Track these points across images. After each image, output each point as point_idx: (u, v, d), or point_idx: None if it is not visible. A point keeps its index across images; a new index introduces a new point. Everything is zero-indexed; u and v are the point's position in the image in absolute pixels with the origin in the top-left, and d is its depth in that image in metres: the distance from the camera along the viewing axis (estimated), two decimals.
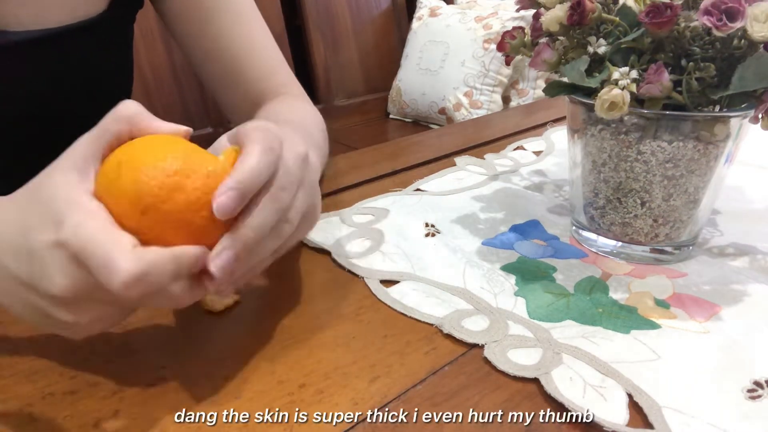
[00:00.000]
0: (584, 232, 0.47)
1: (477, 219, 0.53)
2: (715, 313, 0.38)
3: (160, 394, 0.32)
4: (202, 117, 1.49)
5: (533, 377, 0.33)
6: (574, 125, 0.45)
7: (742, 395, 0.31)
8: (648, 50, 0.38)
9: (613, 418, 0.30)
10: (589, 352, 0.34)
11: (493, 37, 1.64)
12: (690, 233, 0.44)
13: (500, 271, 0.44)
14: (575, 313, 0.38)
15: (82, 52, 0.51)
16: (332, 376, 0.34)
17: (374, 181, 0.62)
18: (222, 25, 0.57)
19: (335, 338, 0.37)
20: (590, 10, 0.38)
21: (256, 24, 0.60)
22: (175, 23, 0.58)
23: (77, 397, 0.32)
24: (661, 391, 0.31)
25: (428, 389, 0.33)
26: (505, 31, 0.45)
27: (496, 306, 0.39)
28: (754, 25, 0.34)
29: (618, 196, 0.43)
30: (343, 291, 0.42)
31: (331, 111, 1.81)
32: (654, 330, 0.37)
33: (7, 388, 0.33)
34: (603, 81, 0.38)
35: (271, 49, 0.61)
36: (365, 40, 1.90)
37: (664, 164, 0.40)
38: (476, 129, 0.83)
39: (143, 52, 1.36)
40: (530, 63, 0.43)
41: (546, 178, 0.62)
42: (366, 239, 0.49)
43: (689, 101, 0.38)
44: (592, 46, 0.39)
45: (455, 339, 0.36)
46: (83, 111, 0.56)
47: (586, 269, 0.44)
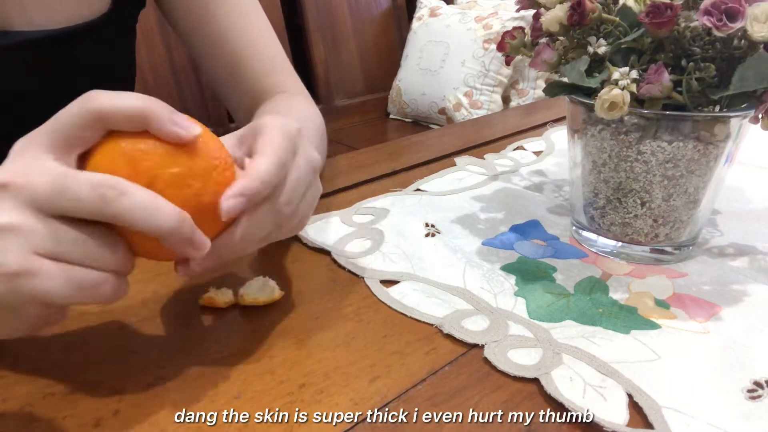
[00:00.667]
0: (584, 232, 0.47)
1: (477, 219, 0.53)
2: (715, 313, 0.38)
3: (160, 394, 0.32)
4: (202, 117, 1.49)
5: (533, 377, 0.33)
6: (574, 125, 0.45)
7: (742, 395, 0.31)
8: (648, 50, 0.38)
9: (613, 418, 0.30)
10: (589, 352, 0.34)
11: (493, 37, 1.64)
12: (690, 233, 0.44)
13: (500, 271, 0.44)
14: (575, 314, 0.38)
15: (87, 52, 0.51)
16: (332, 376, 0.34)
17: (374, 181, 0.62)
18: (225, 21, 0.57)
19: (335, 338, 0.37)
20: (590, 11, 0.38)
21: (259, 20, 0.60)
22: (177, 19, 0.58)
23: (77, 397, 0.32)
24: (661, 391, 0.31)
25: (428, 389, 0.33)
26: (505, 31, 0.45)
27: (496, 306, 0.39)
28: (754, 26, 0.34)
29: (618, 196, 0.43)
30: (343, 291, 0.42)
31: (331, 111, 1.81)
32: (654, 330, 0.37)
33: (7, 388, 0.33)
34: (603, 81, 0.38)
35: (273, 45, 0.61)
36: (365, 40, 1.90)
37: (664, 164, 0.40)
38: (476, 129, 0.83)
39: (143, 52, 1.36)
40: (530, 63, 0.43)
41: (546, 179, 0.62)
42: (366, 239, 0.49)
43: (689, 101, 0.38)
44: (592, 46, 0.39)
45: (455, 339, 0.36)
46: None
47: (586, 269, 0.44)
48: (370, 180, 0.62)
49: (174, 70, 1.43)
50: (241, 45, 0.58)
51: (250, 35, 0.59)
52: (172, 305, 0.40)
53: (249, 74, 0.59)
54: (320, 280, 0.44)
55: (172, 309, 0.40)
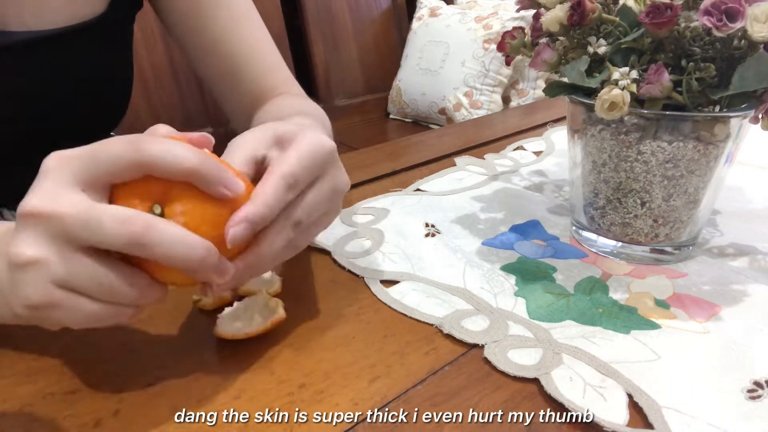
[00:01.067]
0: (584, 232, 0.47)
1: (477, 219, 0.53)
2: (715, 313, 0.38)
3: (160, 394, 0.32)
4: (202, 117, 1.49)
5: (533, 377, 0.33)
6: (574, 125, 0.45)
7: (742, 395, 0.31)
8: (648, 50, 0.38)
9: (613, 418, 0.30)
10: (589, 352, 0.34)
11: (493, 37, 1.64)
12: (690, 233, 0.44)
13: (500, 271, 0.44)
14: (575, 314, 0.38)
15: (83, 53, 0.51)
16: (332, 376, 0.34)
17: (374, 181, 0.62)
18: (221, 23, 0.57)
19: (335, 338, 0.37)
20: (590, 11, 0.38)
21: (255, 23, 0.60)
22: (174, 22, 0.58)
23: (77, 397, 0.32)
24: (661, 391, 0.31)
25: (428, 389, 0.33)
26: (506, 31, 0.45)
27: (496, 306, 0.39)
28: (754, 26, 0.34)
29: (618, 196, 0.43)
30: (343, 291, 0.42)
31: (331, 111, 1.80)
32: (654, 330, 0.37)
33: (7, 388, 0.33)
34: (603, 81, 0.38)
35: (269, 47, 0.61)
36: (365, 40, 1.90)
37: (664, 164, 0.40)
38: (476, 129, 0.83)
39: (143, 52, 1.36)
40: (530, 63, 0.43)
41: (546, 179, 0.62)
42: (366, 239, 0.49)
43: (689, 101, 0.38)
44: (593, 46, 0.39)
45: (455, 339, 0.36)
46: (84, 110, 0.56)
47: (586, 269, 0.44)
48: (370, 180, 0.62)
49: (174, 70, 1.43)
50: (237, 48, 0.58)
51: (247, 38, 0.59)
52: (173, 305, 0.40)
53: (246, 77, 0.59)
54: (320, 280, 0.44)
55: (173, 309, 0.40)
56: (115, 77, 0.58)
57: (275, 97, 0.58)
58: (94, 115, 0.58)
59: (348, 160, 0.69)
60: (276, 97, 0.58)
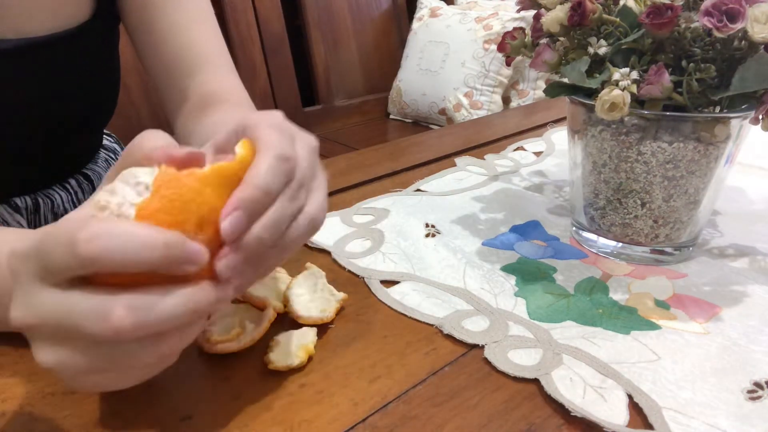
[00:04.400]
0: (584, 232, 0.48)
1: (477, 219, 0.53)
2: (716, 314, 0.38)
3: (160, 394, 0.32)
4: None
5: (533, 378, 0.33)
6: (574, 126, 0.45)
7: (742, 396, 0.31)
8: (648, 51, 0.38)
9: (613, 419, 0.30)
10: (589, 352, 0.34)
11: (494, 37, 1.64)
12: (690, 234, 0.44)
13: (500, 271, 0.44)
14: (575, 314, 0.38)
15: (68, 60, 0.52)
16: (332, 376, 0.34)
17: (374, 182, 0.62)
18: (168, 20, 0.56)
19: (335, 338, 0.37)
20: (591, 11, 0.38)
21: (205, 22, 0.59)
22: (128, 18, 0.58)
23: (77, 397, 0.32)
24: (661, 392, 0.31)
25: (428, 389, 0.33)
26: (506, 31, 0.45)
27: (496, 306, 0.39)
28: (754, 26, 0.34)
29: (618, 196, 0.43)
30: (343, 291, 0.42)
31: (331, 111, 1.81)
32: (654, 331, 0.37)
33: (7, 388, 0.33)
34: (603, 82, 0.38)
35: (214, 46, 0.59)
36: (365, 40, 1.90)
37: (665, 165, 0.40)
38: (476, 129, 0.83)
39: None
40: (531, 64, 0.43)
41: (546, 179, 0.62)
42: (366, 239, 0.49)
43: (690, 102, 0.38)
44: (593, 46, 0.39)
45: (455, 339, 0.36)
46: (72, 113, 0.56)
47: (586, 270, 0.44)
48: (370, 180, 0.62)
49: None
50: (179, 44, 0.57)
51: (196, 39, 0.58)
52: None
53: (182, 73, 0.57)
54: None
55: None
56: (102, 80, 0.59)
57: (217, 105, 0.56)
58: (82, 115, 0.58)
59: (348, 161, 0.69)
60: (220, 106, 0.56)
